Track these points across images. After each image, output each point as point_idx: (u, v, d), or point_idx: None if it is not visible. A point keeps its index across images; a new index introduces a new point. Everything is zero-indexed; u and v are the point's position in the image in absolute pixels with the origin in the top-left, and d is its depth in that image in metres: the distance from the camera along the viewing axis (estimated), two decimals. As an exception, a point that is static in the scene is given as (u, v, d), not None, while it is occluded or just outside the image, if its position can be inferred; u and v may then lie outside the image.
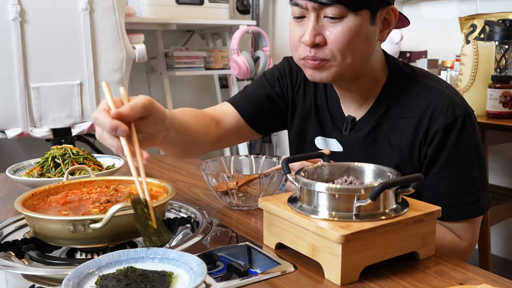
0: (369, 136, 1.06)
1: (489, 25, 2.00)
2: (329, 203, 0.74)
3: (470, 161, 0.99)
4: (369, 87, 1.06)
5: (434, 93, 1.00)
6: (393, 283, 0.71)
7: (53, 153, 1.21)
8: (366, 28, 0.96)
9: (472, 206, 0.99)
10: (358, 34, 0.94)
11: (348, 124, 1.09)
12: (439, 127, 0.97)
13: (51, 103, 2.18)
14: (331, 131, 1.13)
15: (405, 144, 1.01)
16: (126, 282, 0.63)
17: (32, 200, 0.89)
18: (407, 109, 1.02)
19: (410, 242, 0.76)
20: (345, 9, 0.93)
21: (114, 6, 2.20)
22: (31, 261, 0.81)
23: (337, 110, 1.12)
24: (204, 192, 1.18)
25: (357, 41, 0.95)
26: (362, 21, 0.94)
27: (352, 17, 0.94)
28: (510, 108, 1.85)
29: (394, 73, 1.06)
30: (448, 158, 0.98)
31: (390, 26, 1.01)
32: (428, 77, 1.05)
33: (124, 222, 0.78)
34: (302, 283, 0.72)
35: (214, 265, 0.81)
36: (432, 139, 0.98)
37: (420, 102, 1.00)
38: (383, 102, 1.05)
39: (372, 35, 0.97)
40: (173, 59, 2.98)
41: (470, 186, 0.99)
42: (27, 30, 2.07)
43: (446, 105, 0.98)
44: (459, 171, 0.99)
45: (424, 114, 0.99)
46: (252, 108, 1.18)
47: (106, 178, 1.00)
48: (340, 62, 0.97)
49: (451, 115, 0.97)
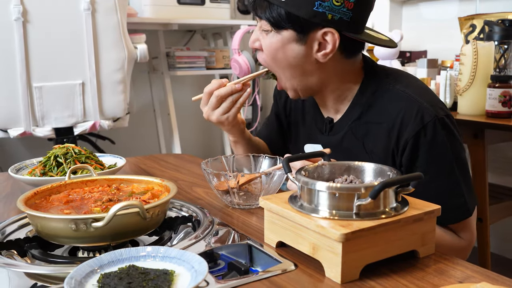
0: (345, 140, 1.07)
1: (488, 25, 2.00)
2: (329, 202, 0.75)
3: (448, 165, 0.98)
4: (338, 93, 1.09)
5: (404, 100, 1.00)
6: (393, 282, 0.71)
7: (55, 152, 1.22)
8: (291, 47, 1.00)
9: (459, 209, 0.99)
10: (280, 50, 1.02)
11: (327, 125, 1.12)
12: (409, 136, 0.97)
13: (53, 102, 2.18)
14: (316, 135, 1.15)
15: (379, 150, 1.02)
16: (128, 280, 0.63)
17: (35, 199, 0.90)
18: (380, 115, 1.02)
19: (410, 240, 0.77)
20: (269, 25, 1.01)
21: (116, 6, 2.21)
22: (33, 259, 0.81)
23: (318, 113, 1.16)
24: (205, 191, 1.19)
25: (281, 57, 1.03)
26: (285, 40, 1.00)
27: (275, 34, 1.01)
28: (509, 107, 1.86)
29: (368, 79, 1.06)
30: (424, 165, 0.98)
31: (327, 49, 1.00)
32: (400, 82, 1.04)
33: (125, 220, 0.78)
34: (302, 281, 0.72)
35: (215, 263, 0.81)
36: (404, 148, 0.98)
37: (391, 109, 1.00)
38: (356, 106, 1.06)
39: (301, 53, 1.01)
40: (175, 59, 2.98)
41: (454, 189, 0.99)
42: (29, 30, 2.08)
43: (414, 112, 0.97)
44: (439, 176, 0.98)
45: (395, 122, 0.99)
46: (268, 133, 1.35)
47: (108, 177, 1.01)
48: (282, 75, 1.06)
49: (420, 122, 0.96)
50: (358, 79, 1.07)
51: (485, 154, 1.92)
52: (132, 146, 3.31)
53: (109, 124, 2.34)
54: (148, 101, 3.33)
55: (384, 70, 1.09)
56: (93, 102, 2.25)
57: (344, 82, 1.07)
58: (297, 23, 0.97)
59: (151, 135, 3.37)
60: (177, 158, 1.64)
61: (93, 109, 2.26)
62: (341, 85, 1.07)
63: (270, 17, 0.99)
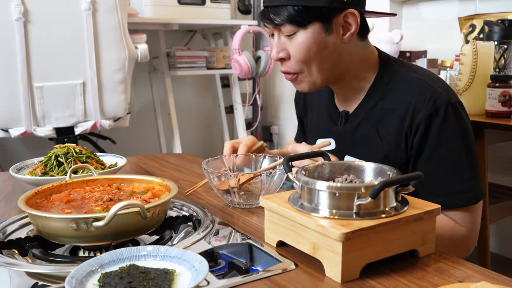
0: (359, 128, 1.10)
1: (488, 25, 2.00)
2: (329, 201, 0.75)
3: (456, 150, 1.01)
4: (357, 83, 1.12)
5: (418, 85, 1.04)
6: (393, 281, 0.71)
7: (56, 152, 1.22)
8: (321, 38, 1.03)
9: (465, 194, 1.01)
10: (313, 45, 1.03)
11: (342, 118, 1.15)
12: (422, 118, 1.01)
13: (54, 102, 2.19)
14: (329, 129, 1.17)
15: (392, 135, 1.05)
16: (129, 279, 0.63)
17: (36, 198, 0.90)
18: (394, 102, 1.06)
19: (410, 240, 0.77)
20: (294, 26, 1.02)
21: (117, 6, 2.21)
22: (34, 259, 0.82)
23: (333, 107, 1.19)
24: (205, 191, 1.19)
25: (314, 51, 1.03)
26: (314, 34, 1.02)
27: (303, 32, 1.02)
28: (509, 107, 1.86)
29: (384, 69, 1.11)
30: (433, 147, 1.01)
31: (352, 28, 1.05)
32: (415, 71, 1.09)
33: (126, 220, 0.78)
34: (303, 280, 0.72)
35: (216, 262, 0.82)
36: (416, 129, 1.01)
37: (406, 94, 1.04)
38: (372, 96, 1.10)
39: (330, 42, 1.04)
40: (175, 58, 2.98)
41: (460, 174, 1.01)
42: (30, 30, 2.08)
43: (428, 96, 1.01)
44: (446, 160, 1.01)
45: (409, 106, 1.03)
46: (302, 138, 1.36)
47: (108, 177, 1.01)
48: (307, 73, 1.07)
49: (432, 106, 1.00)
50: (375, 68, 1.12)
51: (484, 154, 1.92)
52: (132, 145, 3.31)
53: (109, 124, 2.34)
54: (148, 101, 3.33)
55: (399, 61, 1.14)
56: (94, 102, 2.25)
57: (363, 68, 1.11)
58: (319, 13, 1.01)
59: (151, 135, 3.37)
60: (178, 157, 1.64)
61: (94, 109, 2.26)
62: (360, 72, 1.11)
63: (293, 18, 1.01)
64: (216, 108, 3.63)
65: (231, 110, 3.50)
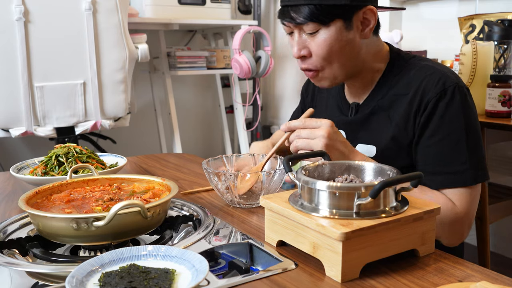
0: (370, 116, 1.13)
1: (488, 25, 2.00)
2: (329, 201, 0.75)
3: (458, 131, 1.02)
4: (370, 76, 1.14)
5: (427, 69, 1.07)
6: (393, 280, 0.72)
7: (57, 152, 1.22)
8: (343, 35, 1.05)
9: (459, 175, 1.01)
10: (336, 42, 1.05)
11: (352, 109, 1.17)
12: (431, 97, 1.03)
13: (54, 102, 2.19)
14: (338, 120, 1.18)
15: (401, 116, 1.07)
16: (129, 279, 0.64)
17: (36, 198, 0.90)
18: (404, 87, 1.08)
19: (409, 239, 0.77)
20: (317, 25, 1.03)
21: (117, 7, 2.21)
22: (35, 258, 0.82)
23: (343, 101, 1.21)
24: (206, 191, 1.19)
25: (336, 48, 1.05)
26: (336, 31, 1.04)
27: (325, 30, 1.04)
28: (509, 107, 1.86)
29: (394, 60, 1.14)
30: (437, 126, 1.03)
31: (371, 24, 1.08)
32: (426, 60, 1.12)
33: (126, 220, 0.78)
34: (303, 280, 0.73)
35: (216, 262, 0.82)
36: (425, 108, 1.04)
37: (415, 79, 1.07)
38: (383, 86, 1.13)
39: (351, 38, 1.06)
40: (176, 58, 2.98)
41: (459, 155, 1.02)
42: (31, 30, 2.08)
43: (437, 78, 1.04)
44: (447, 139, 1.02)
45: (419, 88, 1.05)
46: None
47: (109, 177, 1.01)
48: (329, 70, 1.09)
49: (441, 86, 1.03)
50: (386, 60, 1.14)
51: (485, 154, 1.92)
52: (133, 145, 3.31)
53: (110, 124, 2.34)
54: (149, 100, 3.34)
55: (409, 54, 1.17)
56: (94, 101, 2.26)
57: (376, 61, 1.14)
58: (342, 11, 1.03)
59: (152, 135, 3.37)
60: (178, 157, 1.64)
61: (94, 109, 2.27)
62: (374, 65, 1.13)
63: (316, 16, 1.02)
64: (216, 108, 3.63)
65: (231, 110, 3.50)
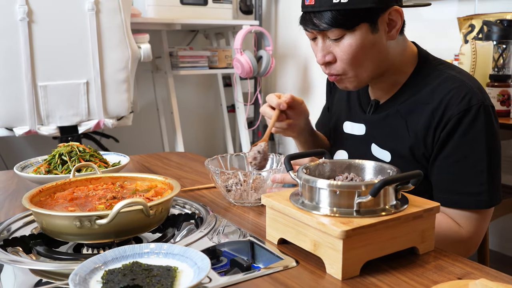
0: (388, 118, 1.10)
1: (487, 25, 2.00)
2: (330, 200, 0.75)
3: (479, 152, 0.99)
4: (395, 77, 1.11)
5: (454, 81, 1.03)
6: (393, 278, 0.72)
7: (60, 151, 1.23)
8: (368, 38, 1.01)
9: (476, 197, 0.99)
10: (361, 46, 1.01)
11: (372, 106, 1.14)
12: (454, 113, 0.99)
13: (58, 101, 2.20)
14: (358, 115, 1.17)
15: (421, 128, 1.03)
16: (132, 276, 0.64)
17: (40, 196, 0.91)
18: (428, 96, 1.04)
19: (409, 237, 0.77)
20: (341, 30, 1.00)
21: (120, 7, 2.22)
22: (38, 256, 0.82)
23: (365, 96, 1.19)
24: (208, 189, 1.20)
25: (362, 52, 1.02)
26: (362, 35, 1.00)
27: (351, 35, 1.01)
28: (508, 106, 1.86)
29: (422, 64, 1.10)
30: (458, 145, 1.00)
31: (397, 25, 1.04)
32: (453, 69, 1.08)
33: (129, 218, 0.79)
34: (304, 277, 0.73)
35: (218, 260, 0.82)
36: (446, 124, 1.00)
37: (441, 90, 1.03)
38: (407, 89, 1.09)
39: (377, 41, 1.03)
40: (178, 58, 2.99)
41: (476, 177, 0.99)
42: (34, 30, 2.09)
43: (463, 93, 1.00)
44: (467, 159, 0.99)
45: (442, 101, 1.01)
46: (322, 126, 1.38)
47: (112, 175, 1.02)
48: (353, 74, 1.05)
49: (467, 103, 0.99)
50: (413, 63, 1.11)
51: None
52: (135, 144, 3.32)
53: (113, 123, 2.35)
54: (151, 100, 3.34)
55: (438, 59, 1.13)
56: (97, 101, 2.26)
57: (403, 62, 1.10)
58: (366, 15, 1.00)
59: (154, 134, 3.38)
60: (180, 156, 1.65)
61: (97, 108, 2.28)
62: (401, 66, 1.10)
63: (341, 22, 0.98)
64: (218, 107, 3.63)
65: (233, 109, 3.50)
